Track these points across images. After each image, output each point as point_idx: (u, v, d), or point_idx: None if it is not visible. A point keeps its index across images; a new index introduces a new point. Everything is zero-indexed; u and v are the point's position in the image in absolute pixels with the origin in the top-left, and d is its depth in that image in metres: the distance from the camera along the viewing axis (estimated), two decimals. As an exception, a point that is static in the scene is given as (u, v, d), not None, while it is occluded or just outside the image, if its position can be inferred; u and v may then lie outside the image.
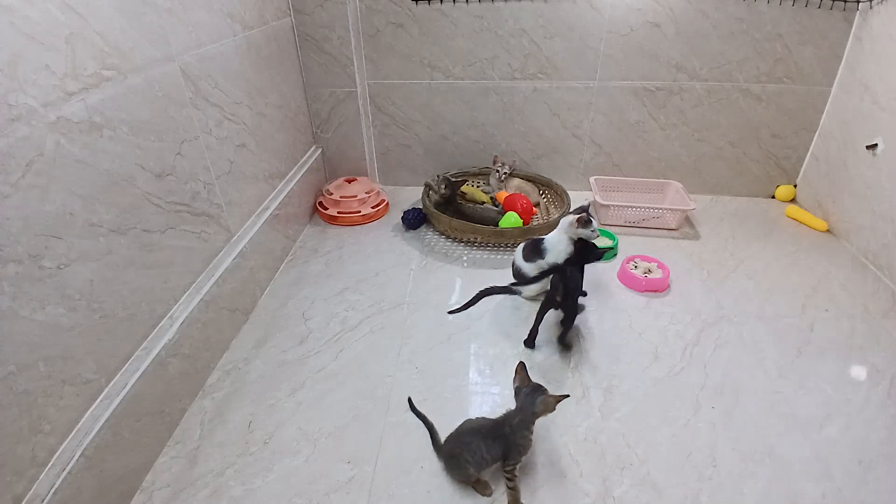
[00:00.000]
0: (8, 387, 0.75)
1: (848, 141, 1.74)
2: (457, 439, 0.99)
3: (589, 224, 1.34)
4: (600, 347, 1.33)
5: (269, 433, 1.10)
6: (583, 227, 1.34)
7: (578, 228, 1.34)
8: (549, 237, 1.40)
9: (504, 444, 0.94)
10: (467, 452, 0.95)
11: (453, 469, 0.99)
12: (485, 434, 0.96)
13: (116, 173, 0.95)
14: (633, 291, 1.53)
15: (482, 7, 1.77)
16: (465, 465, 0.96)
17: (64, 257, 0.84)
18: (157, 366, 1.04)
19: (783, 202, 2.02)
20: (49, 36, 0.81)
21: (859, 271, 1.61)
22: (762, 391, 1.20)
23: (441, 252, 1.72)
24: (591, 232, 1.34)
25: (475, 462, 0.95)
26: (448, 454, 1.00)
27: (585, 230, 1.34)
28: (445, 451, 1.01)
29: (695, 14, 1.73)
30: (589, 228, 1.34)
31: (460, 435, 0.99)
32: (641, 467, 1.03)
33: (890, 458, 1.05)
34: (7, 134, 0.73)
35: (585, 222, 1.33)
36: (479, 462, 0.95)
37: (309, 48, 1.80)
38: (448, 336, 1.36)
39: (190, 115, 1.17)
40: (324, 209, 1.89)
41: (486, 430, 0.97)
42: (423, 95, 1.95)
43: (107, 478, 0.91)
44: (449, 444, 1.01)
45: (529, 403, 0.95)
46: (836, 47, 1.75)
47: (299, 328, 1.39)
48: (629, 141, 1.99)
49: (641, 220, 1.84)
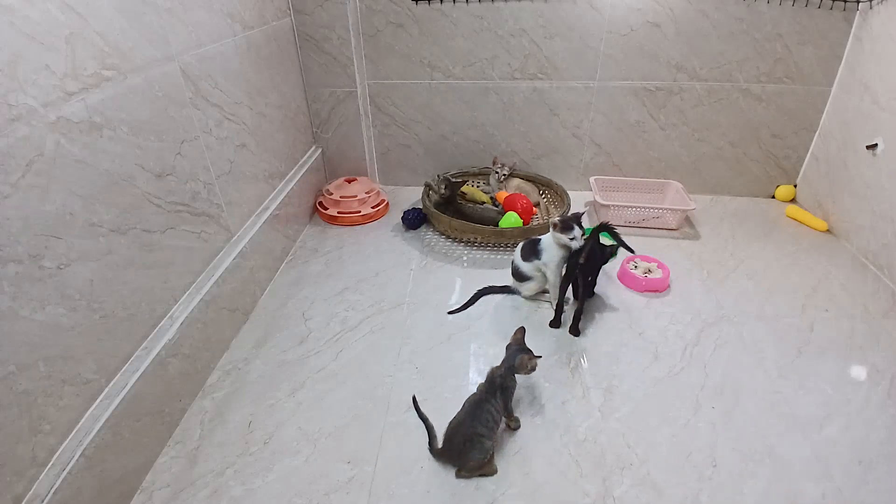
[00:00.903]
0: (8, 387, 0.75)
1: (848, 141, 1.74)
2: (464, 422, 1.01)
3: (569, 230, 1.31)
4: (600, 347, 1.33)
5: (269, 433, 1.10)
6: (561, 232, 1.32)
7: (556, 233, 1.33)
8: (545, 238, 1.40)
9: (501, 394, 1.04)
10: (481, 426, 0.99)
11: (472, 451, 0.99)
12: (485, 398, 1.02)
13: (116, 173, 0.95)
14: (633, 291, 1.53)
15: (482, 7, 1.77)
16: (482, 440, 0.99)
17: (64, 257, 0.84)
18: (157, 366, 1.04)
19: (783, 202, 2.02)
20: (49, 36, 0.81)
21: (859, 271, 1.61)
22: (762, 391, 1.20)
23: (441, 252, 1.72)
24: (569, 239, 1.31)
25: (489, 431, 1.00)
26: (462, 440, 1.00)
27: (563, 236, 1.32)
28: (458, 441, 1.00)
29: (695, 14, 1.73)
30: (568, 235, 1.31)
31: (466, 417, 1.01)
32: (641, 467, 1.03)
33: (890, 458, 1.05)
34: (7, 134, 0.74)
35: (563, 228, 1.32)
36: (492, 427, 1.01)
37: (309, 48, 1.80)
38: (448, 336, 1.36)
39: (190, 115, 1.17)
40: (324, 209, 1.89)
41: (484, 394, 1.03)
42: (423, 95, 1.95)
43: (107, 478, 0.91)
44: (459, 431, 1.01)
45: (511, 357, 1.07)
46: (836, 47, 1.75)
47: (299, 328, 1.39)
48: (629, 141, 1.99)
49: (641, 220, 1.84)
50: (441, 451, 1.04)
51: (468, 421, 1.00)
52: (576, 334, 1.36)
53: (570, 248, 1.33)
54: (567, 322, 1.39)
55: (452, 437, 1.01)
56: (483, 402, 1.01)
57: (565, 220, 1.33)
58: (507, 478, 1.01)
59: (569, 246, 1.33)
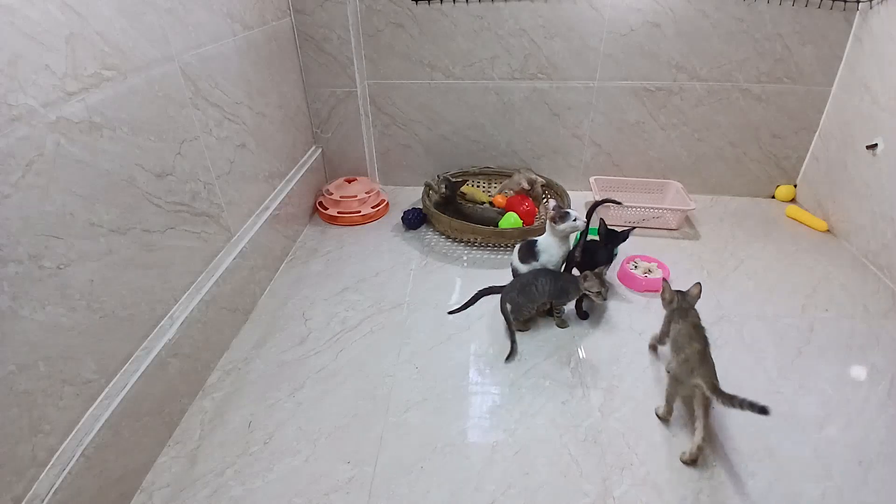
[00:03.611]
0: (8, 387, 0.75)
1: (848, 141, 1.74)
2: (530, 284, 1.32)
3: (566, 217, 1.33)
4: (600, 347, 1.33)
5: (269, 433, 1.10)
6: (561, 222, 1.34)
7: (558, 226, 1.34)
8: (541, 240, 1.41)
9: (558, 294, 1.32)
10: (535, 286, 1.31)
11: (514, 312, 1.32)
12: (546, 274, 1.33)
13: (116, 173, 0.95)
14: (633, 291, 1.53)
15: (482, 7, 1.77)
16: (536, 294, 1.31)
17: (64, 257, 0.84)
18: (157, 366, 1.04)
19: (783, 202, 2.02)
20: (49, 36, 0.81)
21: (859, 271, 1.61)
22: (762, 391, 1.20)
23: (441, 252, 1.72)
24: (572, 223, 1.33)
25: (539, 293, 1.31)
26: (520, 288, 1.33)
27: (566, 225, 1.33)
28: (518, 287, 1.33)
29: (695, 14, 1.73)
30: (568, 222, 1.33)
31: (530, 277, 1.33)
32: (641, 467, 1.03)
33: (890, 458, 1.05)
34: (7, 134, 0.74)
35: (561, 217, 1.33)
36: (541, 293, 1.31)
37: (309, 48, 1.80)
38: (448, 336, 1.36)
39: (190, 115, 1.17)
40: (324, 209, 1.89)
41: (537, 276, 1.33)
42: (423, 95, 1.95)
43: (107, 478, 0.91)
44: (520, 281, 1.34)
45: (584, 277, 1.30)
46: (836, 47, 1.75)
47: (299, 328, 1.39)
48: (629, 141, 1.99)
49: (641, 220, 1.84)
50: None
51: (529, 280, 1.33)
52: (583, 317, 1.42)
53: (578, 230, 1.35)
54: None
55: (514, 286, 1.35)
56: (531, 283, 1.32)
57: (558, 210, 1.35)
58: (507, 478, 1.01)
59: (574, 231, 1.35)
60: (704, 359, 1.04)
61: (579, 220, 1.33)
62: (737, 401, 0.95)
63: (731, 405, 0.96)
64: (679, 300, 1.17)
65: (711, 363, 1.04)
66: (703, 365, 1.03)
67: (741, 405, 0.94)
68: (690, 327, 1.10)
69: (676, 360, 1.09)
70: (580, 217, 1.34)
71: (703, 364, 1.03)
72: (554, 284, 1.32)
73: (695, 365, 1.03)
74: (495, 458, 1.05)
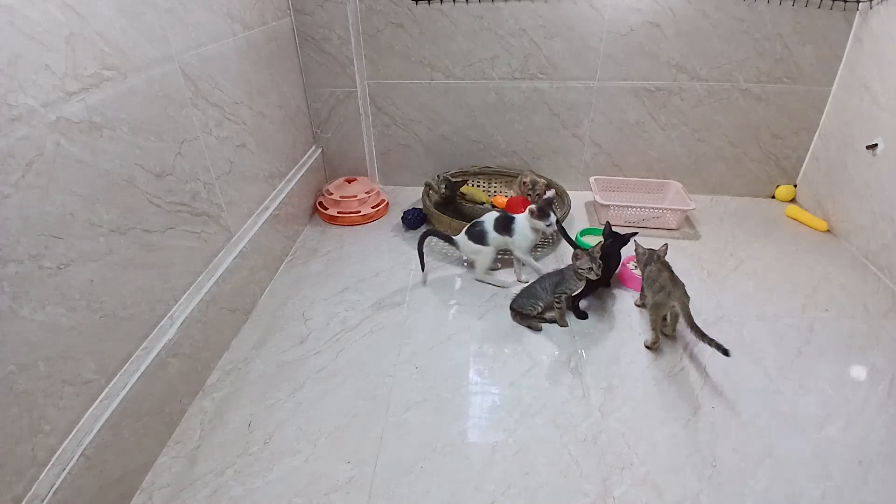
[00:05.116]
0: (8, 387, 0.75)
1: (848, 141, 1.74)
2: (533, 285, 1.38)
3: (545, 217, 1.38)
4: (600, 347, 1.33)
5: (269, 433, 1.10)
6: (538, 218, 1.39)
7: (533, 220, 1.40)
8: (519, 218, 1.45)
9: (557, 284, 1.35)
10: (539, 287, 1.36)
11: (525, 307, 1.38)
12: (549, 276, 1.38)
13: (116, 173, 0.95)
14: (634, 291, 1.53)
15: (482, 7, 1.77)
16: (539, 292, 1.35)
17: (64, 257, 0.84)
18: (157, 366, 1.04)
19: (783, 202, 2.02)
20: (49, 36, 0.81)
21: (859, 271, 1.61)
22: (762, 391, 1.20)
23: (441, 252, 1.72)
24: (545, 225, 1.39)
25: (544, 290, 1.35)
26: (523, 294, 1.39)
27: (540, 222, 1.39)
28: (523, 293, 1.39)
29: (695, 14, 1.73)
30: (544, 221, 1.38)
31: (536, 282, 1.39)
32: (641, 467, 1.03)
33: (890, 458, 1.05)
34: (7, 134, 0.74)
35: (540, 215, 1.38)
36: (545, 290, 1.35)
37: (309, 48, 1.80)
38: (448, 336, 1.36)
39: (190, 115, 1.17)
40: (324, 209, 1.89)
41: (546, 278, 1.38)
42: (423, 95, 1.95)
43: (107, 478, 0.91)
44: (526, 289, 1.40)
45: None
46: (836, 47, 1.75)
47: (299, 328, 1.39)
48: (629, 141, 1.99)
49: (641, 220, 1.84)
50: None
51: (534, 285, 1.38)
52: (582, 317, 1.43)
53: (545, 232, 1.42)
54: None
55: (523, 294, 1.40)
56: (536, 283, 1.38)
57: (542, 208, 1.39)
58: (507, 478, 1.01)
59: (543, 231, 1.42)
60: (675, 281, 1.26)
61: (552, 226, 1.41)
62: (706, 337, 1.16)
63: (698, 336, 1.17)
64: (650, 253, 1.35)
65: (682, 284, 1.26)
66: (675, 286, 1.24)
67: (707, 340, 1.15)
68: (660, 265, 1.31)
69: (652, 290, 1.29)
70: (554, 225, 1.42)
71: (675, 286, 1.25)
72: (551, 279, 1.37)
73: (669, 288, 1.24)
74: (495, 458, 1.05)
